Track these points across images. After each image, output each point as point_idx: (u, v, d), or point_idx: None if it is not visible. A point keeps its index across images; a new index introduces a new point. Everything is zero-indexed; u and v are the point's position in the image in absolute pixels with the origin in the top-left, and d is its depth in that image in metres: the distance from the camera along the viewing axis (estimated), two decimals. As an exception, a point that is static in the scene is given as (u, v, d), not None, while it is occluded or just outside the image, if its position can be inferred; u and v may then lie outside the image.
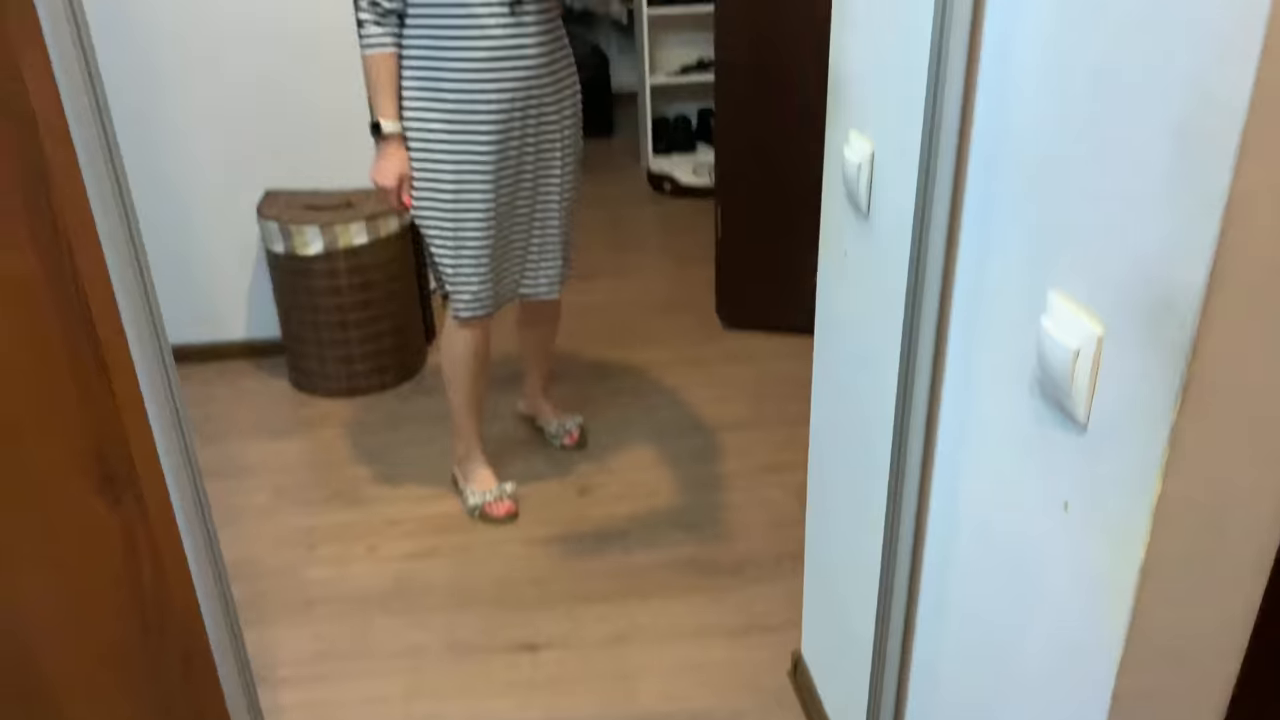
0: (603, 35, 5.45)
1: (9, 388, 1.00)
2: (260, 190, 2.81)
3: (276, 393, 2.84)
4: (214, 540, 1.09)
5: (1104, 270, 0.73)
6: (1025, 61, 0.83)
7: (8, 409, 1.01)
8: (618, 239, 3.90)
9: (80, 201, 0.93)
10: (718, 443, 2.55)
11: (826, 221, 1.42)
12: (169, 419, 1.01)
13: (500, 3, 1.91)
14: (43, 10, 0.85)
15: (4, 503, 1.05)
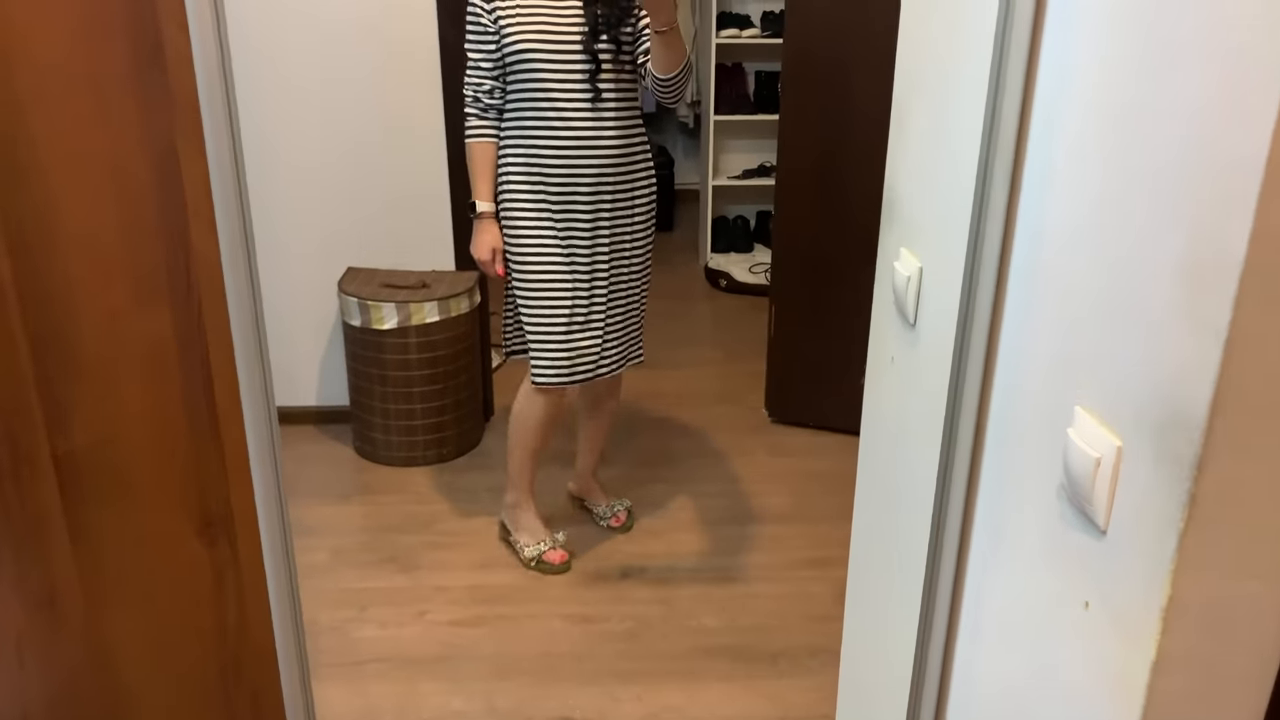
0: (669, 136, 5.69)
1: (132, 432, 1.11)
2: (342, 266, 2.99)
3: (341, 458, 2.96)
4: (296, 589, 1.19)
5: (1123, 389, 0.81)
6: (1058, 197, 0.92)
7: (128, 452, 1.12)
8: (674, 330, 4.02)
9: (214, 267, 1.05)
10: (760, 534, 2.61)
11: (876, 328, 1.51)
12: (269, 474, 1.12)
13: (583, 98, 2.13)
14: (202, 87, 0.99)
15: (113, 538, 1.16)
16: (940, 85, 1.23)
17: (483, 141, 2.23)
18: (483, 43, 2.17)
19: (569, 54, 2.13)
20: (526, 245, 2.23)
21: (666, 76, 2.12)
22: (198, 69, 0.96)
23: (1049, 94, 0.95)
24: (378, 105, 2.87)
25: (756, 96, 4.69)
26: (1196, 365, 0.71)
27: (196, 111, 0.98)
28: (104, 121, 1.00)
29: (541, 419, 2.37)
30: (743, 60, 4.73)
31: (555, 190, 2.19)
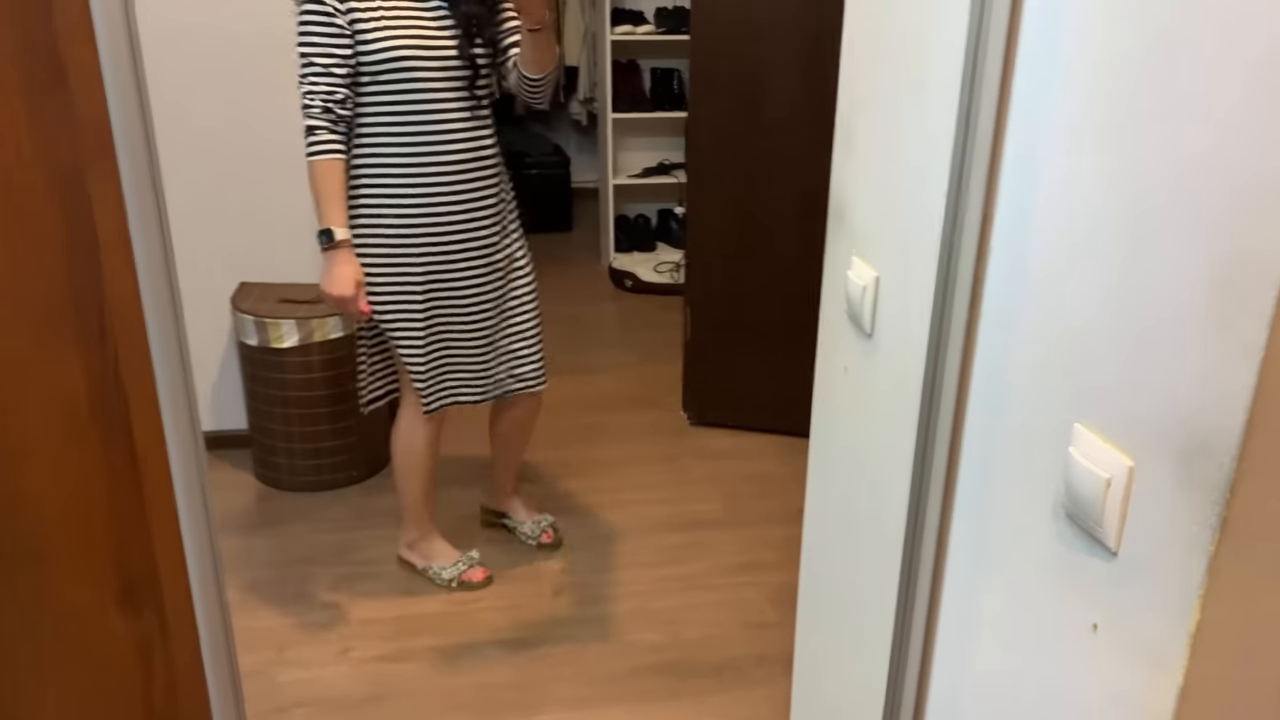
0: (563, 134, 5.60)
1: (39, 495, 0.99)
2: (235, 282, 2.81)
3: (242, 486, 2.79)
4: (234, 662, 1.08)
5: (1134, 408, 0.79)
6: (1047, 209, 0.90)
7: (34, 518, 0.99)
8: (583, 334, 3.95)
9: (131, 308, 0.94)
10: (689, 541, 2.57)
11: (826, 337, 1.48)
12: (200, 533, 1.01)
13: (463, 105, 2.01)
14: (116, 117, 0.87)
15: (19, 616, 1.03)
16: (897, 90, 1.20)
17: (335, 159, 1.96)
18: (335, 46, 1.92)
19: (445, 59, 1.98)
20: (407, 276, 2.05)
21: (539, 77, 2.02)
22: (109, 88, 0.85)
23: (1031, 99, 0.92)
24: (269, 114, 2.70)
25: (653, 94, 4.66)
26: (1227, 387, 0.69)
27: (108, 135, 0.86)
28: (-7, 149, 0.87)
29: (427, 446, 2.25)
30: (637, 57, 4.69)
31: (436, 207, 2.03)
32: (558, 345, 3.77)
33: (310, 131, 1.95)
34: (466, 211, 2.07)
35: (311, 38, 1.92)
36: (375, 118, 1.98)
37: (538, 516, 2.58)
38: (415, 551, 2.39)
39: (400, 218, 2.02)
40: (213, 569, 1.04)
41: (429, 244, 2.06)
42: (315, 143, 1.95)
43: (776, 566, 2.46)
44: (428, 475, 2.30)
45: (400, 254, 2.04)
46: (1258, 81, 0.65)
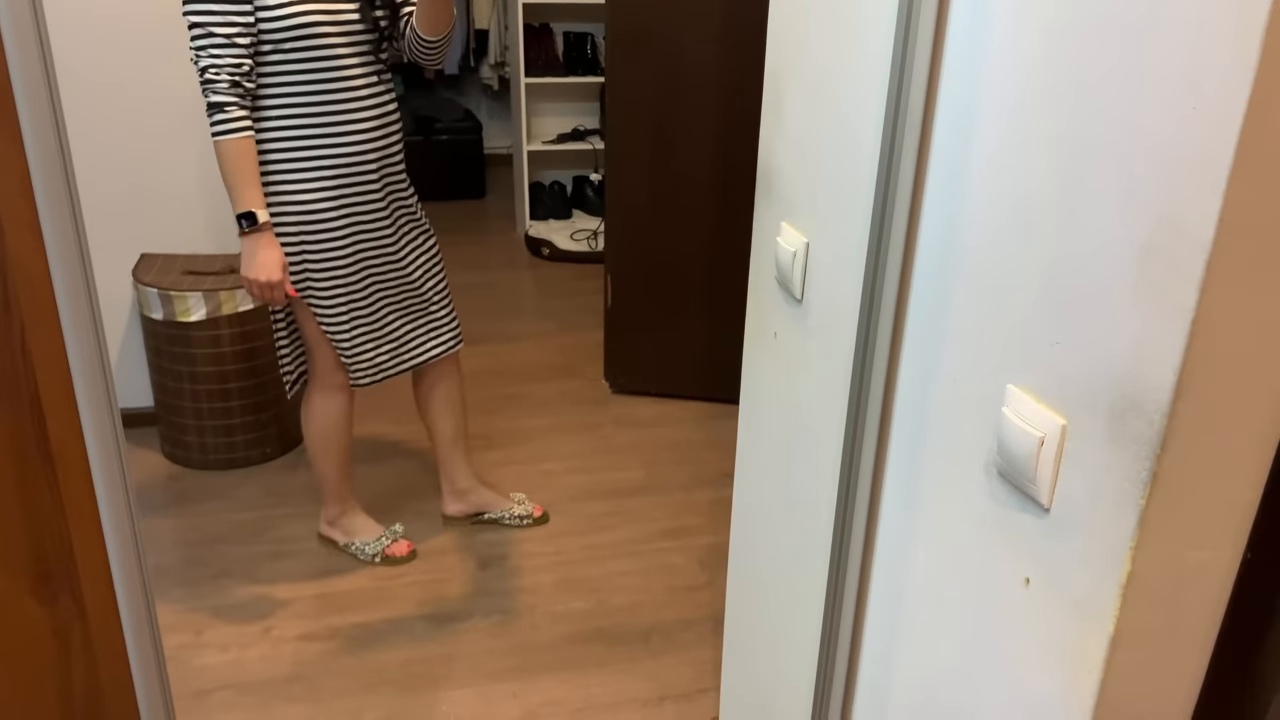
0: (473, 99, 5.50)
1: (-59, 483, 0.93)
2: (135, 253, 2.69)
3: (149, 465, 2.69)
4: (158, 641, 1.04)
5: (1066, 368, 0.81)
6: (979, 169, 0.91)
7: (-64, 505, 0.94)
8: (501, 303, 3.91)
9: (39, 281, 0.89)
10: (613, 509, 2.58)
11: (755, 303, 1.49)
12: (121, 512, 0.96)
13: (368, 64, 1.96)
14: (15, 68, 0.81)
15: (-77, 607, 0.97)
16: (825, 54, 1.20)
17: (246, 137, 1.84)
18: (236, 14, 1.80)
19: (349, 24, 1.90)
20: (330, 250, 1.98)
21: (435, 39, 1.96)
22: (8, 47, 0.79)
23: (964, 63, 0.93)
24: (165, 75, 2.57)
25: (566, 58, 4.59)
26: (1158, 348, 0.71)
27: (9, 98, 0.81)
28: (-120, 108, 0.81)
29: (341, 421, 2.19)
30: (550, 21, 4.61)
31: (353, 175, 1.96)
32: (475, 314, 3.72)
33: (217, 109, 1.83)
34: (383, 176, 2.02)
35: (208, 4, 1.79)
36: (279, 88, 1.88)
37: (511, 498, 2.52)
38: (336, 528, 2.34)
39: (317, 190, 1.95)
40: (135, 550, 1.00)
41: (351, 214, 1.99)
42: (223, 120, 1.83)
43: (702, 530, 2.49)
44: (343, 451, 2.25)
45: (321, 229, 1.97)
46: (1186, 56, 0.67)
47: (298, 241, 1.96)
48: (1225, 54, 0.64)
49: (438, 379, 2.31)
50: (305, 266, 1.98)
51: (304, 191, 1.94)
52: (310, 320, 2.05)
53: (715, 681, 1.98)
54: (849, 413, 1.15)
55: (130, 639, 1.01)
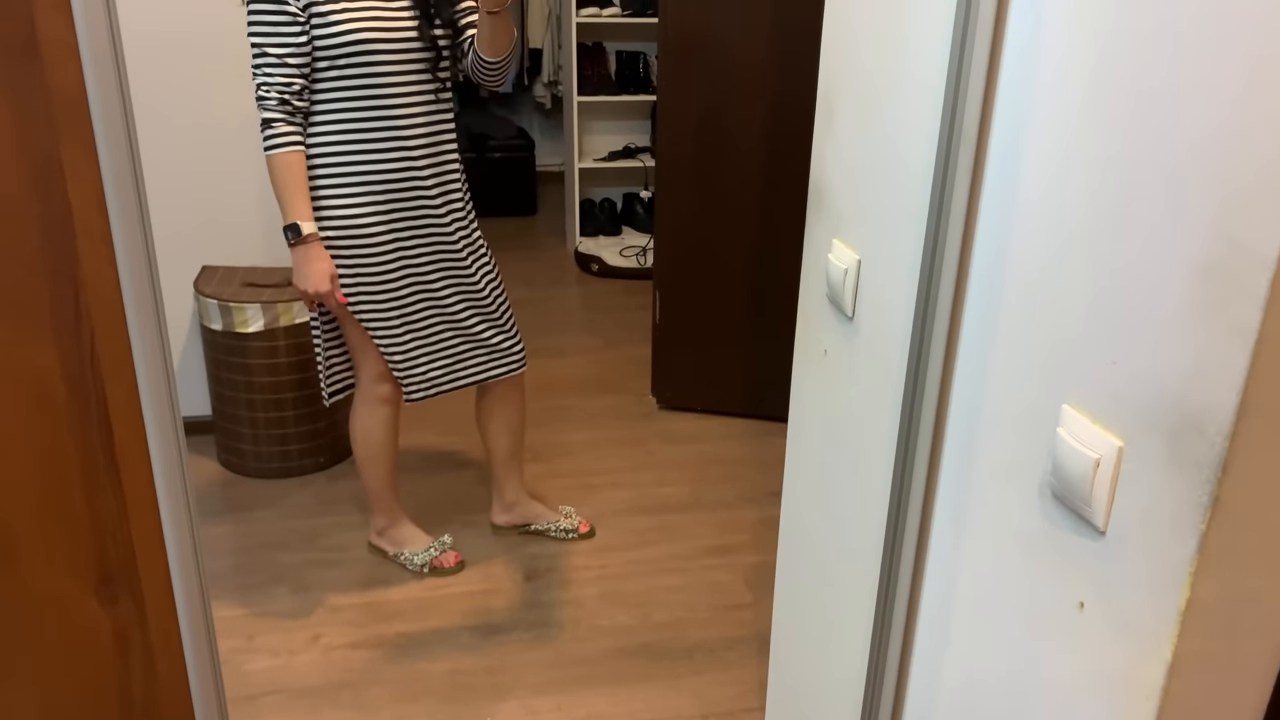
0: (526, 117, 5.56)
1: (13, 484, 0.96)
2: (197, 265, 2.76)
3: (206, 473, 2.75)
4: (214, 644, 1.06)
5: (1122, 388, 0.80)
6: (1034, 189, 0.91)
7: (8, 506, 0.97)
8: (550, 318, 3.93)
9: (110, 293, 0.91)
10: (659, 525, 2.57)
11: (805, 320, 1.48)
12: (182, 520, 0.99)
13: (426, 90, 1.98)
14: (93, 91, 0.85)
15: (-7, 605, 1.00)
16: (878, 71, 1.20)
17: (296, 151, 1.90)
18: (289, 35, 1.85)
19: (406, 43, 1.93)
20: (376, 263, 2.02)
21: (496, 60, 1.98)
22: (85, 61, 0.82)
23: (1018, 84, 0.93)
24: (230, 94, 2.65)
25: (618, 77, 4.63)
26: (1218, 368, 0.70)
27: (84, 112, 0.84)
28: (-36, 124, 0.84)
29: (387, 433, 2.22)
30: (603, 40, 4.66)
31: (403, 193, 1.99)
32: (524, 329, 3.75)
33: (266, 125, 1.89)
34: (434, 195, 2.05)
35: (264, 26, 1.85)
36: (333, 105, 1.93)
37: (562, 507, 2.55)
38: (385, 538, 2.37)
39: (363, 205, 1.98)
40: (194, 556, 1.03)
41: (399, 231, 2.02)
42: (273, 135, 1.89)
43: (747, 549, 2.48)
44: (390, 462, 2.28)
45: (370, 244, 2.00)
46: (1249, 71, 0.66)
47: (348, 254, 2.00)
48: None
49: (500, 399, 2.33)
50: (357, 278, 2.02)
51: (350, 205, 1.98)
52: (355, 331, 2.08)
53: (760, 701, 1.96)
54: (900, 431, 1.14)
55: (187, 641, 1.04)
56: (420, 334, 2.11)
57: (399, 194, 2.00)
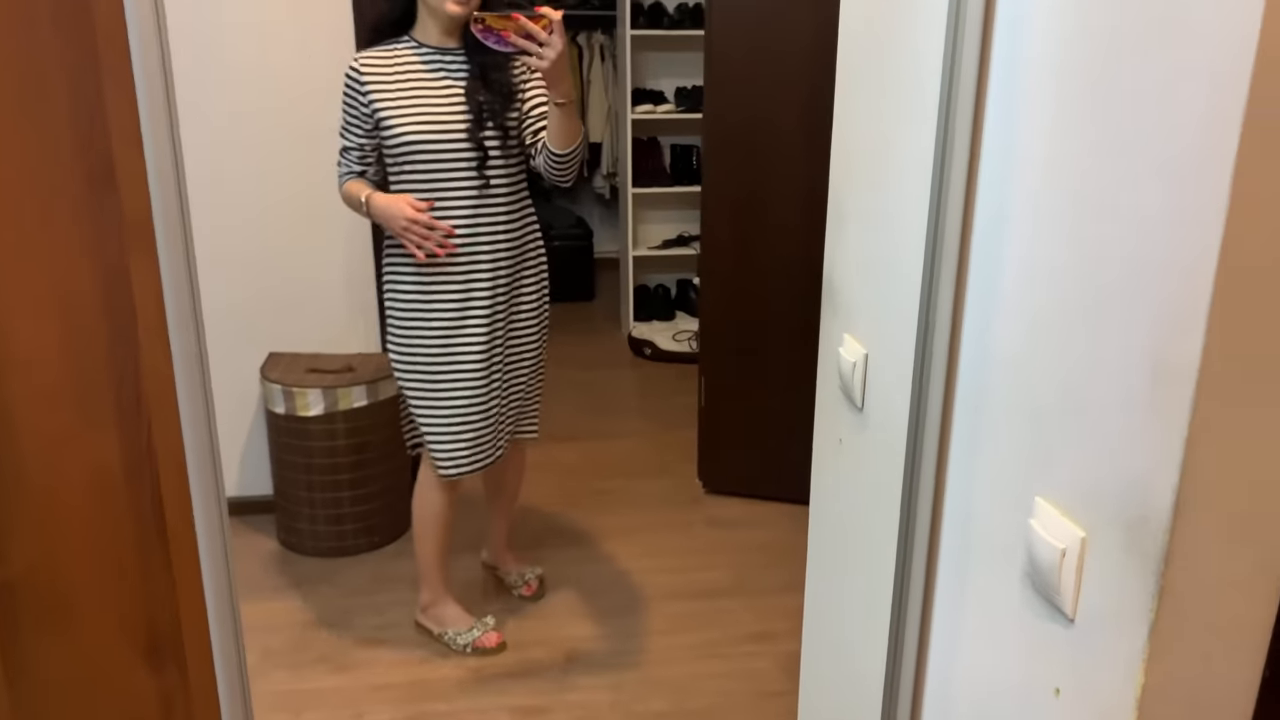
0: (586, 206, 5.76)
1: (75, 556, 1.06)
2: (264, 352, 2.92)
3: (265, 551, 2.86)
4: (250, 714, 1.14)
5: (1084, 483, 0.84)
6: (1008, 294, 0.97)
7: (70, 577, 1.07)
8: (602, 400, 4.02)
9: (166, 386, 1.02)
10: (701, 610, 2.60)
11: (821, 410, 1.54)
12: (223, 589, 1.08)
13: (470, 178, 2.12)
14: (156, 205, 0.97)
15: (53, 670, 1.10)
16: (879, 179, 1.28)
17: (352, 179, 2.20)
18: (358, 125, 2.12)
19: (455, 144, 2.09)
20: (420, 347, 2.17)
21: (564, 152, 2.10)
22: (152, 187, 0.95)
23: (994, 196, 1.00)
24: (299, 189, 2.84)
25: (673, 169, 4.80)
26: (1160, 466, 0.74)
27: (150, 231, 0.96)
28: (51, 243, 0.97)
29: (443, 509, 2.34)
30: (658, 134, 4.84)
31: (448, 282, 2.14)
32: (576, 411, 3.85)
33: (340, 176, 2.22)
34: (470, 284, 2.16)
35: (344, 112, 2.15)
36: (397, 188, 2.16)
37: (524, 568, 2.69)
38: (429, 616, 2.44)
39: (413, 286, 2.16)
40: (233, 630, 1.11)
41: (439, 313, 2.17)
42: (341, 175, 2.22)
43: (788, 636, 2.48)
44: (442, 537, 2.37)
45: (415, 320, 2.17)
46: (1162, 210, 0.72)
47: (395, 325, 2.19)
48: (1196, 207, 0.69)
49: (504, 465, 2.48)
50: (400, 353, 2.20)
51: (404, 283, 2.17)
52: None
53: (793, 789, 1.96)
54: (901, 518, 1.19)
55: (225, 711, 1.11)
56: (455, 414, 2.21)
57: (448, 284, 2.14)
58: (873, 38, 1.29)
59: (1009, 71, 0.95)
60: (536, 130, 2.16)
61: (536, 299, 2.31)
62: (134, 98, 0.95)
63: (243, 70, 2.75)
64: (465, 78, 2.11)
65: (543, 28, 1.89)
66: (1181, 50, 0.71)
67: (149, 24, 0.93)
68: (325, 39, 2.76)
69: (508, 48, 1.94)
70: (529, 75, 2.16)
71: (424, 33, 2.12)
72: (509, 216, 2.19)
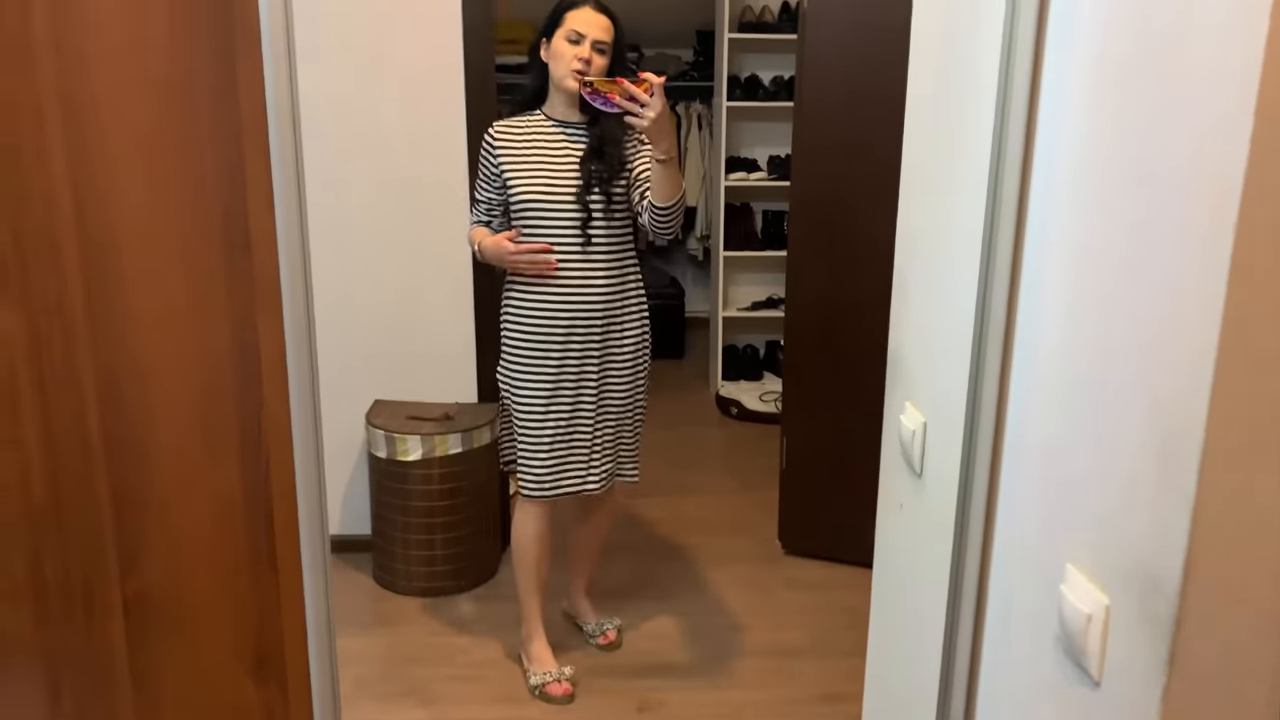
0: (679, 267, 5.90)
1: (196, 575, 1.20)
2: (370, 399, 3.11)
3: (361, 587, 3.02)
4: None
5: (1108, 549, 0.90)
6: (1043, 366, 1.03)
7: (191, 594, 1.21)
8: (686, 457, 4.10)
9: (284, 429, 1.16)
10: (774, 668, 2.63)
11: (885, 475, 1.60)
12: (322, 619, 1.20)
13: (574, 243, 2.32)
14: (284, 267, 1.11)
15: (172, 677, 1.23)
16: (937, 254, 1.36)
17: (478, 226, 2.46)
18: (486, 185, 2.41)
19: (563, 203, 2.32)
20: (520, 376, 2.39)
21: (665, 205, 2.26)
22: (281, 251, 1.09)
23: (1034, 276, 1.07)
24: (407, 256, 3.05)
25: (764, 234, 4.90)
26: (1169, 534, 0.80)
27: (277, 291, 1.11)
28: (194, 298, 1.12)
29: (533, 533, 2.49)
30: (750, 201, 4.97)
31: (550, 327, 2.35)
32: (662, 467, 3.93)
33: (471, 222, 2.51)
34: (570, 334, 2.36)
35: (479, 169, 2.42)
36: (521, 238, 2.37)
37: (602, 619, 2.77)
38: (524, 649, 2.58)
39: (520, 326, 2.38)
40: (329, 654, 1.23)
41: (536, 358, 2.37)
42: (471, 222, 2.50)
43: (858, 698, 2.49)
44: (534, 568, 2.51)
45: (519, 361, 2.39)
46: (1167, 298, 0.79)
47: (508, 364, 2.42)
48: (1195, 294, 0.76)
49: (589, 516, 2.67)
50: (509, 385, 2.41)
51: (510, 317, 2.41)
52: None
53: None
54: (950, 582, 1.24)
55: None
56: (539, 440, 2.39)
57: (550, 329, 2.35)
58: (932, 118, 1.37)
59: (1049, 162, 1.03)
60: (642, 191, 2.32)
61: (634, 348, 2.47)
62: (269, 168, 1.10)
63: (358, 139, 2.98)
64: (584, 148, 2.33)
65: (644, 90, 2.06)
66: (1211, 142, 0.78)
67: (285, 101, 1.09)
68: (435, 114, 2.98)
69: (613, 108, 2.12)
70: (640, 148, 2.34)
71: (552, 107, 2.38)
72: (607, 270, 2.37)
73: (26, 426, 1.15)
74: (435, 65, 2.95)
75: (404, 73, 2.96)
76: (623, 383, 2.47)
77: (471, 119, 2.96)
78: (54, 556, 1.18)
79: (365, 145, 2.99)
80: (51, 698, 1.24)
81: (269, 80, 1.06)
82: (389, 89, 2.97)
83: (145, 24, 1.07)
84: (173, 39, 1.08)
